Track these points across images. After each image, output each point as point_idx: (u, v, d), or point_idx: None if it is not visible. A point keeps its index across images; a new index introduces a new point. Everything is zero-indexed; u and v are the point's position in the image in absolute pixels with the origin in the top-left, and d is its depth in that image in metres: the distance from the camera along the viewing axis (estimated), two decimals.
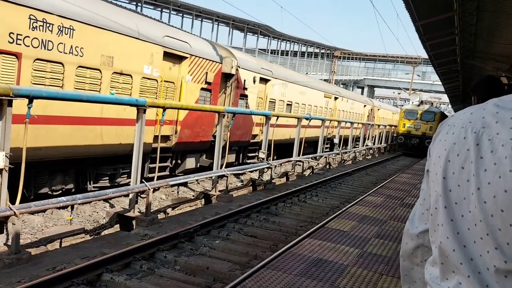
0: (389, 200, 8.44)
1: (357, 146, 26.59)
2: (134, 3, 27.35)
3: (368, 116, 32.33)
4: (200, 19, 32.59)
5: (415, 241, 1.22)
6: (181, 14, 31.15)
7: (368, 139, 28.22)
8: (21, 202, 6.65)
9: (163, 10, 29.72)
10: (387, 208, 7.66)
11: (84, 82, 8.30)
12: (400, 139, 31.30)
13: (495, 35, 14.35)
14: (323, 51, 55.74)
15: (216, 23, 37.12)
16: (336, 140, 21.79)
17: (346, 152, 22.41)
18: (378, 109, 35.88)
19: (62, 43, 7.64)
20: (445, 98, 51.79)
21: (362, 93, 53.92)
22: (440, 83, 29.65)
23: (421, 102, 31.99)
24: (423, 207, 1.21)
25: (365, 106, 31.65)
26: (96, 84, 8.58)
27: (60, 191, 8.65)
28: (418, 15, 11.39)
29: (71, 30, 7.78)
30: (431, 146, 1.19)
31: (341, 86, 46.37)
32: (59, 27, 7.53)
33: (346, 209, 7.48)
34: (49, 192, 8.41)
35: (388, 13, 23.32)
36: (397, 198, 8.76)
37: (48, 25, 7.31)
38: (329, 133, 23.03)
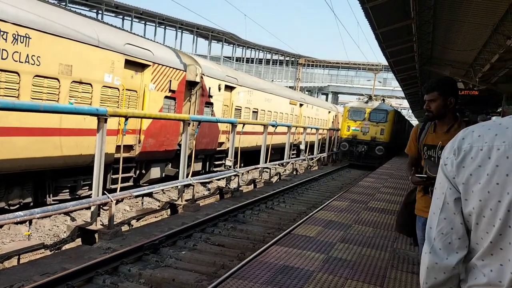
0: (354, 204, 8.56)
1: (323, 151, 26.93)
2: (95, 10, 26.78)
3: (332, 122, 32.84)
4: (163, 26, 32.29)
5: (449, 273, 1.22)
6: (143, 22, 30.78)
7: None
8: None
9: (125, 17, 29.27)
10: (352, 212, 7.77)
11: (41, 92, 8.03)
12: (344, 146, 24.49)
13: (450, 42, 14.93)
14: (287, 58, 56.38)
15: (180, 30, 36.86)
16: (302, 146, 22.00)
17: (312, 158, 22.64)
18: (342, 115, 36.54)
19: (17, 52, 7.37)
20: (405, 103, 53.38)
21: (326, 100, 54.81)
22: (401, 89, 30.44)
23: (370, 98, 25.47)
24: (448, 237, 1.22)
25: (329, 112, 32.15)
26: (54, 94, 8.31)
27: (18, 205, 8.29)
28: (377, 23, 11.70)
29: (27, 39, 7.52)
30: (454, 174, 1.20)
31: (306, 92, 46.99)
32: (14, 36, 7.26)
33: (312, 214, 7.54)
34: (6, 207, 8.04)
35: (349, 21, 23.92)
36: (361, 202, 8.90)
37: (2, 33, 7.03)
38: (295, 140, 23.24)
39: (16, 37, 7.31)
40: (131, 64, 10.40)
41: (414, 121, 77.56)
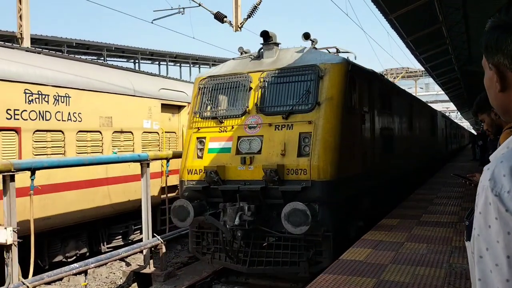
0: (405, 220, 8.22)
1: None
2: (132, 60, 28.20)
3: None
4: (197, 66, 33.40)
5: None
6: (178, 64, 32.02)
7: None
8: (35, 273, 6.63)
9: (161, 63, 30.59)
10: (403, 229, 7.46)
11: (85, 146, 8.44)
12: (181, 212, 6.56)
13: None
14: None
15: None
16: None
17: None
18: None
19: (59, 112, 7.84)
20: (453, 106, 51.49)
21: None
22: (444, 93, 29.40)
23: (266, 37, 7.27)
24: None
25: None
26: (98, 146, 8.72)
27: (74, 257, 8.63)
28: (406, 32, 11.51)
29: (67, 98, 7.99)
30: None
31: None
32: (54, 97, 7.74)
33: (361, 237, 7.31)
34: (64, 260, 8.39)
35: (378, 33, 23.60)
36: (413, 217, 8.54)
37: (43, 96, 7.53)
38: None
39: (57, 98, 7.79)
40: (167, 107, 10.76)
41: (465, 123, 74.16)
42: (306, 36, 7.38)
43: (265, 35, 7.33)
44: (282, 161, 6.40)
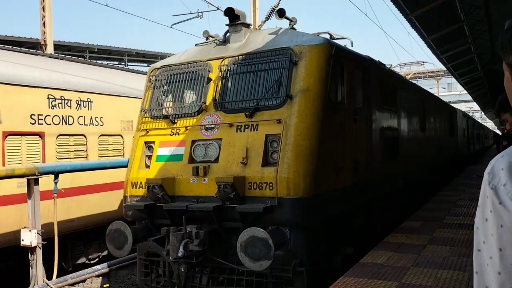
0: (427, 222, 8.09)
1: None
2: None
3: None
4: None
5: None
6: None
7: None
8: (59, 275, 6.78)
9: None
10: (426, 231, 7.34)
11: (107, 149, 8.59)
12: (115, 239, 5.47)
13: None
14: None
15: None
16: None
17: None
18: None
19: (82, 116, 8.00)
20: (476, 106, 50.53)
21: None
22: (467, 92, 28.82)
23: (233, 18, 6.01)
24: None
25: None
26: (119, 149, 8.85)
27: (97, 259, 8.76)
28: (427, 32, 11.35)
29: (89, 102, 8.15)
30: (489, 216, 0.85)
31: None
32: (77, 102, 7.90)
33: (382, 239, 7.22)
34: (86, 261, 8.53)
35: (398, 31, 23.24)
36: (436, 219, 8.40)
37: (66, 101, 7.69)
38: None
39: (79, 103, 7.95)
40: None
41: (490, 123, 72.55)
42: (281, 13, 5.93)
43: (231, 13, 5.92)
44: (243, 171, 5.06)
